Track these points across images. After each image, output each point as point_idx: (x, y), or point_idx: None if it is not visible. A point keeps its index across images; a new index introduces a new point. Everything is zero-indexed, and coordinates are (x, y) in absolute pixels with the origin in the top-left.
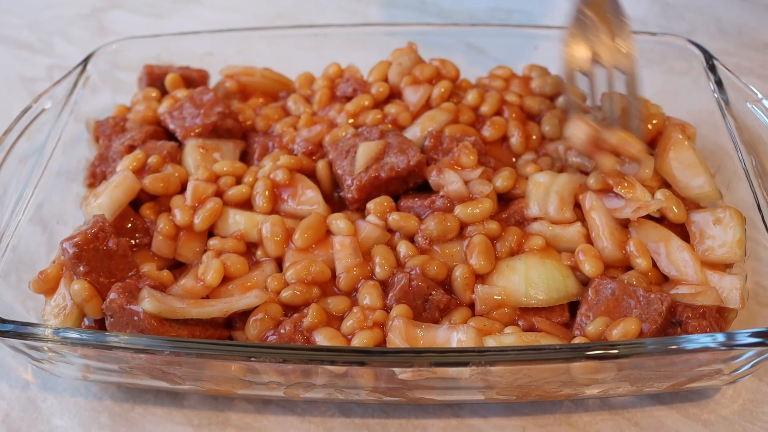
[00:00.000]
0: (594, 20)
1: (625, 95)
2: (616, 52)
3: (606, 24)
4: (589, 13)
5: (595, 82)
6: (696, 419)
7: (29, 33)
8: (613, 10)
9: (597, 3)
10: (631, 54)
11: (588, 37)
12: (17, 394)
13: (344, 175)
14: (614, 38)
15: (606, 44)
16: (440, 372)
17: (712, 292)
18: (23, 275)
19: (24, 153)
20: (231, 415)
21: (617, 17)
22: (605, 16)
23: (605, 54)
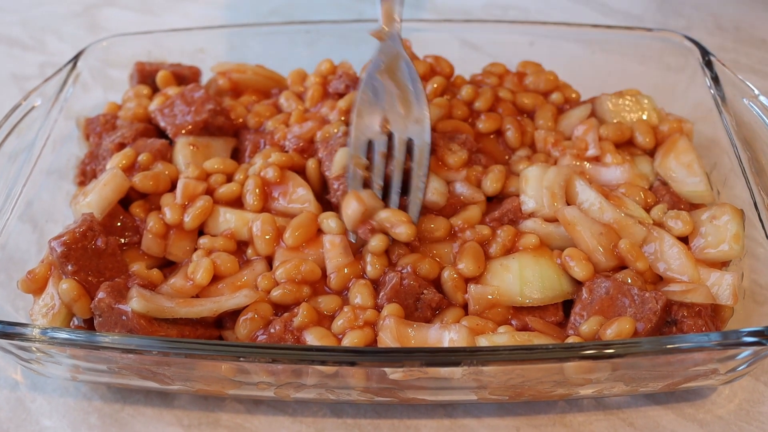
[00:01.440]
0: (388, 87)
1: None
2: (408, 121)
3: (402, 90)
4: (383, 79)
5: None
6: (692, 419)
7: (21, 30)
8: (409, 76)
9: (392, 69)
10: (425, 123)
11: (381, 105)
12: (6, 395)
13: (331, 178)
14: (409, 106)
15: (399, 112)
16: (432, 372)
17: (703, 290)
18: (12, 274)
19: (14, 150)
20: (222, 416)
21: (413, 84)
22: (400, 83)
23: (397, 122)
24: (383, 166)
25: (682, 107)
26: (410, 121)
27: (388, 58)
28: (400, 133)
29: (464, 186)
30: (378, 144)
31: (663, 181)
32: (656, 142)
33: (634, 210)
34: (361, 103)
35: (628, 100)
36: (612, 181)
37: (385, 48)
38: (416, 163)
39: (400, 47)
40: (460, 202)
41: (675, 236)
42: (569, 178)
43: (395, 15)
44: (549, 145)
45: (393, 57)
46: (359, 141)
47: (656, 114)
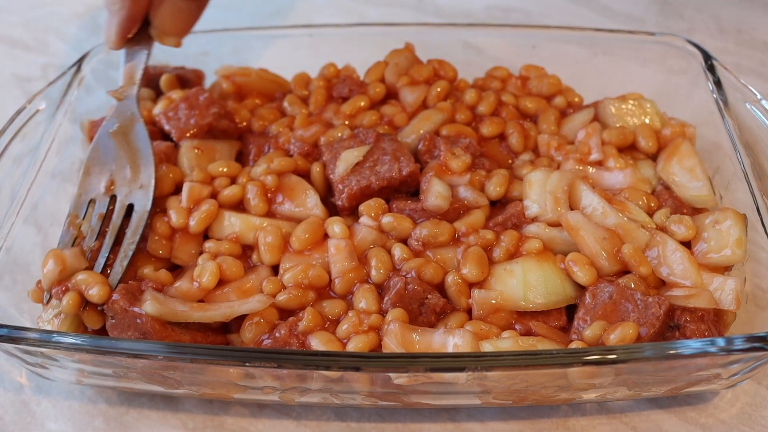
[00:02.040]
0: (119, 148)
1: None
2: (134, 185)
3: (132, 154)
4: (116, 140)
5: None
6: (694, 423)
7: (23, 31)
8: (141, 140)
9: (125, 131)
10: (149, 189)
11: (109, 166)
12: (11, 398)
13: (335, 181)
14: (137, 170)
15: (126, 176)
16: (436, 377)
17: (706, 295)
18: (17, 277)
19: (18, 154)
20: (226, 419)
21: (144, 148)
22: (132, 146)
23: (122, 185)
24: (99, 228)
25: (684, 111)
26: (136, 186)
27: (123, 119)
28: (122, 197)
29: (468, 190)
30: (99, 205)
31: (666, 185)
32: (659, 146)
33: (637, 214)
34: (90, 162)
35: (631, 105)
36: (615, 185)
37: (122, 108)
38: (131, 229)
39: (136, 109)
40: (463, 206)
41: (678, 241)
42: (572, 183)
43: (135, 78)
44: (552, 149)
45: (128, 118)
46: (81, 199)
47: (659, 118)
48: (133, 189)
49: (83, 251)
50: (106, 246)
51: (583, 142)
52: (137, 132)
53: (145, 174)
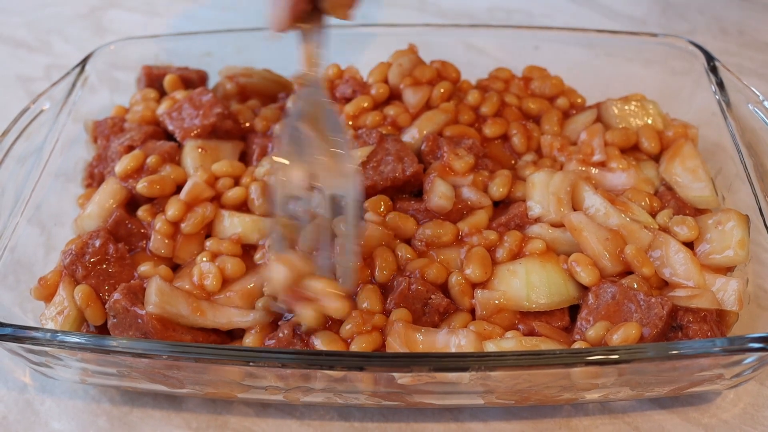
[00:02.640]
0: (311, 138)
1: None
2: (335, 175)
3: (324, 141)
4: (305, 129)
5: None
6: (697, 423)
7: (27, 32)
8: (332, 126)
9: (315, 118)
10: (353, 177)
11: (304, 157)
12: (15, 397)
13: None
14: (334, 159)
15: (324, 165)
16: (440, 377)
17: (709, 295)
18: (21, 277)
19: (22, 154)
20: (230, 419)
21: (338, 134)
22: (324, 134)
23: (323, 176)
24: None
25: (687, 112)
26: (336, 175)
27: (309, 106)
28: (326, 189)
29: (471, 191)
30: (303, 201)
31: (668, 186)
32: (661, 147)
33: (640, 215)
34: (279, 156)
35: (634, 106)
36: (617, 186)
37: (307, 94)
38: (348, 223)
39: (323, 94)
40: (466, 206)
41: (680, 241)
42: (575, 184)
43: (317, 60)
44: (555, 150)
45: (315, 105)
46: (282, 200)
47: (661, 119)
48: (336, 178)
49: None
50: (326, 245)
51: (585, 143)
52: (328, 117)
53: (345, 160)
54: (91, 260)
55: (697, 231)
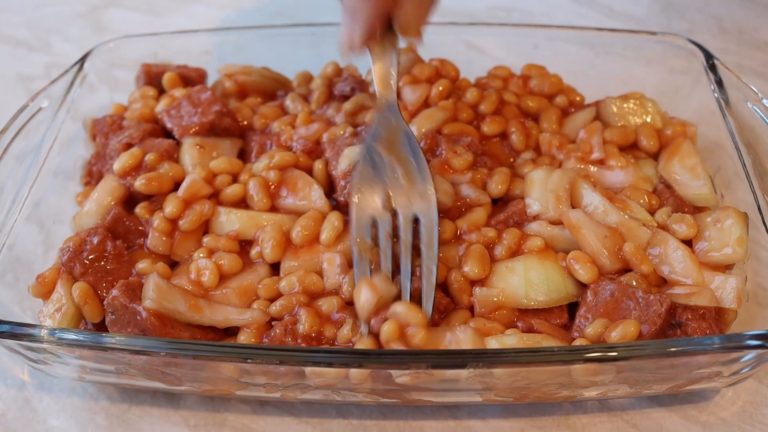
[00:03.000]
0: (388, 160)
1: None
2: (413, 197)
3: (403, 164)
4: (383, 152)
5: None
6: (695, 421)
7: (26, 31)
8: (410, 148)
9: (392, 141)
10: (431, 199)
11: (382, 179)
12: (13, 395)
13: (338, 177)
14: (412, 181)
15: (401, 187)
16: (438, 374)
17: (707, 292)
18: (20, 275)
19: (21, 152)
20: (228, 416)
21: (416, 157)
22: (401, 156)
23: (401, 198)
24: (390, 248)
25: (686, 110)
26: (415, 197)
27: (386, 130)
28: (404, 211)
29: (470, 188)
30: (382, 223)
31: (667, 184)
32: (660, 145)
33: (639, 213)
34: (361, 178)
35: (633, 104)
36: (616, 183)
37: (383, 118)
38: (425, 244)
39: (399, 117)
40: (465, 204)
41: (679, 239)
42: (574, 181)
43: (391, 80)
44: (553, 148)
45: (392, 128)
46: (362, 221)
47: (660, 117)
48: (413, 201)
49: (388, 277)
50: (406, 267)
51: (584, 140)
52: (404, 141)
53: (421, 183)
54: (89, 257)
55: (695, 229)
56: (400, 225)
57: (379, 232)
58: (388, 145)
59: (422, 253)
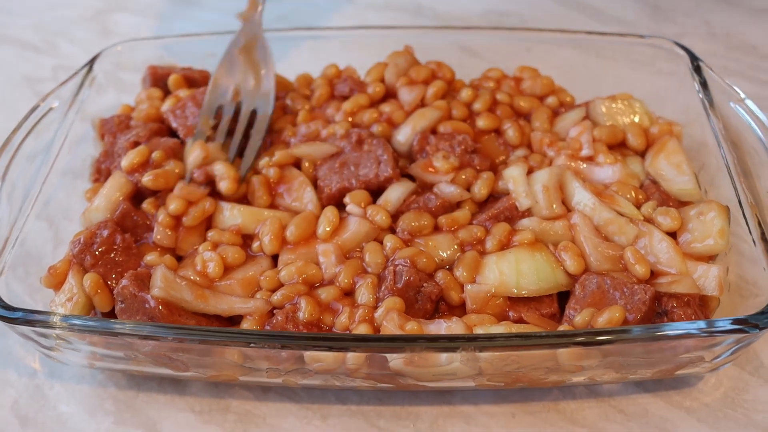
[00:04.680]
0: (244, 63)
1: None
2: (257, 94)
3: (255, 68)
4: (241, 56)
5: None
6: (679, 406)
7: (34, 34)
8: (263, 56)
9: (249, 48)
10: (270, 97)
11: (235, 77)
12: (25, 382)
13: (319, 180)
14: (259, 81)
15: (249, 86)
16: (432, 359)
17: (689, 280)
18: (30, 269)
19: (32, 151)
20: (231, 402)
21: (266, 63)
22: (255, 61)
23: (247, 94)
24: (227, 128)
25: (673, 110)
26: (258, 94)
27: (247, 38)
28: (247, 104)
29: (449, 186)
30: (227, 110)
31: (653, 180)
32: (647, 143)
33: (626, 207)
34: (218, 74)
35: (621, 104)
36: (605, 180)
37: (247, 29)
38: (255, 129)
39: (259, 30)
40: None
41: (664, 231)
42: (562, 178)
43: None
44: (545, 145)
45: (252, 38)
46: (211, 106)
47: (647, 117)
48: (256, 97)
49: (219, 146)
50: (235, 144)
51: (574, 138)
52: (259, 48)
53: (266, 83)
54: (99, 250)
55: (679, 221)
56: (241, 113)
57: (224, 116)
58: (246, 52)
59: (251, 136)
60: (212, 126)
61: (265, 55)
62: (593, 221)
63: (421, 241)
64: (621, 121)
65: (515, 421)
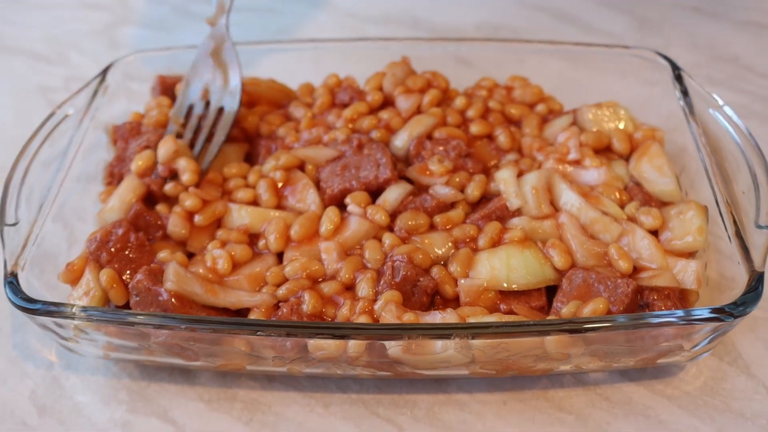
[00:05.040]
0: (213, 64)
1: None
2: (225, 92)
3: (223, 68)
4: (211, 58)
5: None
6: (661, 394)
7: (46, 46)
8: (230, 57)
9: (218, 50)
10: (236, 94)
11: (205, 78)
12: (42, 374)
13: (321, 182)
14: (227, 81)
15: (219, 85)
16: (428, 347)
17: (668, 274)
18: (46, 267)
19: (47, 158)
20: (238, 392)
21: (232, 64)
22: (223, 62)
23: (216, 93)
24: (195, 125)
25: (656, 117)
26: (226, 93)
27: (215, 41)
28: (215, 101)
29: (443, 188)
30: (197, 108)
31: (636, 182)
32: (631, 148)
33: (610, 207)
34: (189, 74)
35: (607, 111)
36: (590, 182)
37: (214, 32)
38: (221, 125)
39: (227, 33)
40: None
41: (646, 230)
42: (550, 180)
43: (226, 7)
44: (534, 150)
45: (220, 41)
46: (182, 105)
47: (632, 123)
48: (224, 95)
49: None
50: (203, 137)
51: (562, 143)
52: (227, 50)
53: (233, 82)
54: (115, 247)
55: (660, 220)
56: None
57: (193, 113)
58: (214, 53)
59: (217, 131)
60: (182, 124)
61: (232, 56)
62: (580, 220)
63: (417, 238)
64: (607, 127)
65: (506, 408)
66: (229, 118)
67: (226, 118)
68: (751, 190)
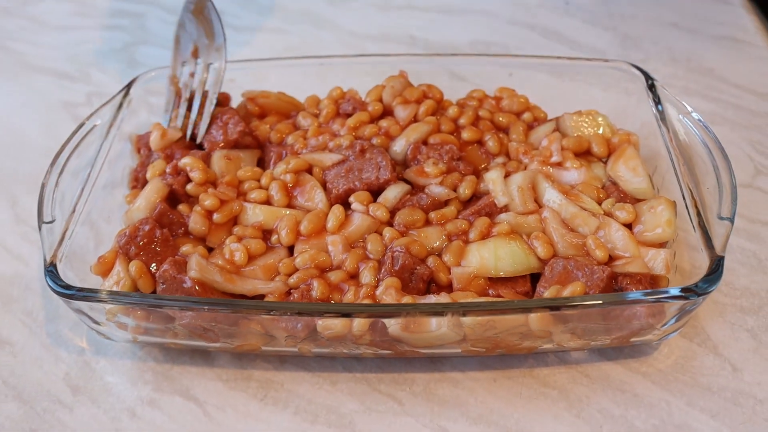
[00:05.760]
0: (197, 22)
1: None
2: (211, 49)
3: (206, 26)
4: (194, 16)
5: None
6: (636, 371)
7: (69, 65)
8: (212, 14)
9: (199, 9)
10: (222, 50)
11: (192, 36)
12: (74, 358)
13: (327, 183)
14: (212, 37)
15: (205, 42)
16: (424, 324)
17: (640, 261)
18: (74, 265)
19: (75, 168)
20: (254, 372)
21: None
22: (206, 19)
23: (203, 50)
24: (191, 85)
25: (633, 124)
26: (212, 49)
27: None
28: (205, 58)
29: (438, 187)
30: (189, 65)
31: (613, 181)
32: (609, 151)
33: (589, 204)
34: (178, 32)
35: (587, 118)
36: (571, 181)
37: None
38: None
39: None
40: (438, 201)
41: (621, 223)
42: (534, 179)
43: None
44: (520, 154)
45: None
46: (177, 63)
47: (609, 129)
48: (211, 51)
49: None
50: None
51: (546, 147)
52: (208, 9)
53: (218, 39)
54: (142, 241)
55: (634, 214)
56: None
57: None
58: (197, 12)
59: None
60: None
61: (213, 13)
62: (561, 215)
63: (414, 232)
64: (586, 132)
65: (496, 384)
66: (218, 74)
67: (216, 74)
68: (715, 187)
